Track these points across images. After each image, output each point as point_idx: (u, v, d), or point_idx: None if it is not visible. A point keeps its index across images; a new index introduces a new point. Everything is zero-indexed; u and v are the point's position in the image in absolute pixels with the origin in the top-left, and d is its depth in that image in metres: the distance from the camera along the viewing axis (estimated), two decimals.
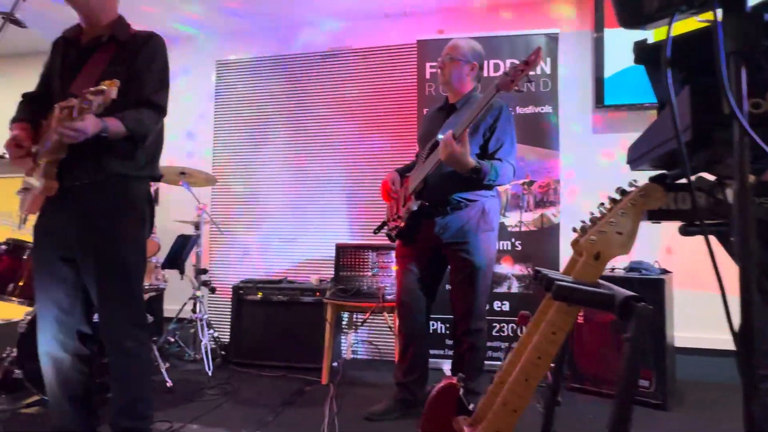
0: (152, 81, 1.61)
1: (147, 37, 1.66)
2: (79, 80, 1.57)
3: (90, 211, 1.56)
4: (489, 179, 1.96)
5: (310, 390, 2.67)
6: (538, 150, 3.00)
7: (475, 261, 2.05)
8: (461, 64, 2.15)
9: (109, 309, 1.59)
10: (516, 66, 1.76)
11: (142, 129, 1.55)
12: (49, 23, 3.83)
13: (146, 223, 1.70)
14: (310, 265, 3.70)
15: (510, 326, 3.01)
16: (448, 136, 1.84)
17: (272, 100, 3.89)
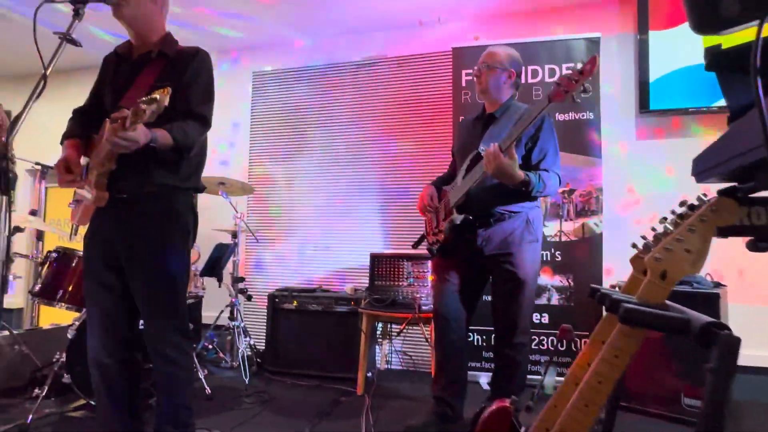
0: (198, 94, 1.64)
1: (194, 52, 1.70)
2: (129, 94, 1.62)
3: (137, 221, 1.60)
4: (536, 191, 1.90)
5: (346, 401, 2.65)
6: (578, 157, 2.91)
7: (519, 273, 1.98)
8: (498, 72, 2.10)
9: (153, 318, 1.63)
10: (569, 75, 1.68)
11: (188, 140, 1.58)
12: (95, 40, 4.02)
13: (190, 234, 1.73)
14: (344, 274, 3.70)
15: (550, 339, 2.91)
16: (494, 149, 1.78)
17: (307, 109, 3.93)
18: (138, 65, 1.68)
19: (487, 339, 2.99)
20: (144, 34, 1.69)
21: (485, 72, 2.09)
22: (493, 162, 1.80)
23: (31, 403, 2.30)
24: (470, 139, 2.16)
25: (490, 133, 2.09)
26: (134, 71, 1.67)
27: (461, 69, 3.16)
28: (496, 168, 1.80)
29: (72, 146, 1.64)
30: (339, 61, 3.89)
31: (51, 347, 2.83)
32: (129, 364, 1.69)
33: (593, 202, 2.90)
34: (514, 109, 2.11)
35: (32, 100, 1.37)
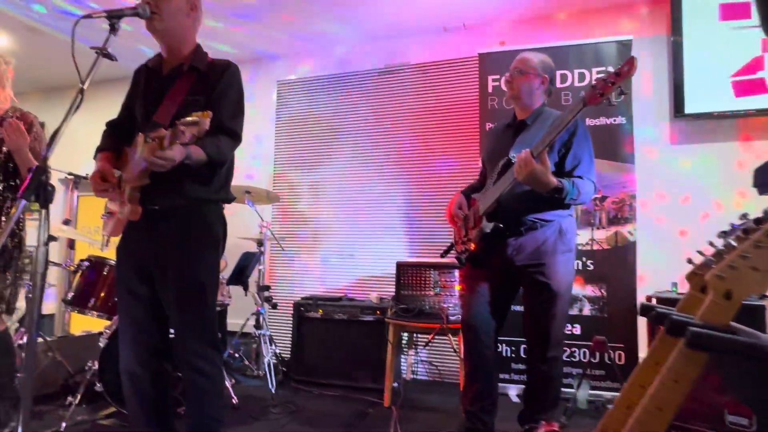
0: (229, 109, 1.64)
1: (225, 66, 1.70)
2: (161, 109, 1.63)
3: (169, 233, 1.61)
4: (570, 198, 1.83)
5: (373, 413, 2.62)
6: (611, 163, 2.82)
7: (552, 284, 1.92)
8: (531, 78, 2.05)
9: (184, 330, 1.62)
10: (605, 78, 1.62)
11: (221, 156, 1.58)
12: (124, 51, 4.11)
13: (220, 245, 1.73)
14: (368, 283, 3.68)
15: (582, 351, 2.82)
16: (526, 155, 1.73)
17: (331, 117, 3.94)
18: (169, 79, 1.69)
19: (515, 350, 2.92)
20: (176, 48, 1.70)
21: (517, 78, 2.04)
22: (524, 168, 1.74)
23: (64, 410, 2.33)
24: (501, 146, 2.11)
25: (521, 139, 2.04)
26: (166, 85, 1.68)
27: (488, 75, 3.12)
28: (527, 174, 1.74)
29: (104, 159, 1.67)
30: (362, 69, 3.88)
31: (83, 354, 2.88)
32: (160, 374, 1.69)
33: (626, 210, 2.81)
34: (546, 115, 2.06)
35: (70, 113, 1.38)
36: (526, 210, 1.95)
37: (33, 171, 1.28)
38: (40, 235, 1.31)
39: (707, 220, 2.96)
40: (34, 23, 3.58)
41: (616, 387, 2.72)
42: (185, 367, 1.63)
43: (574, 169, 1.92)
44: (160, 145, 1.34)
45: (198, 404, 1.64)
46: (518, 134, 2.09)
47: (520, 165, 1.75)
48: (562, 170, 1.95)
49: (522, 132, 2.08)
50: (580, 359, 2.81)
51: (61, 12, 3.40)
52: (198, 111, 1.48)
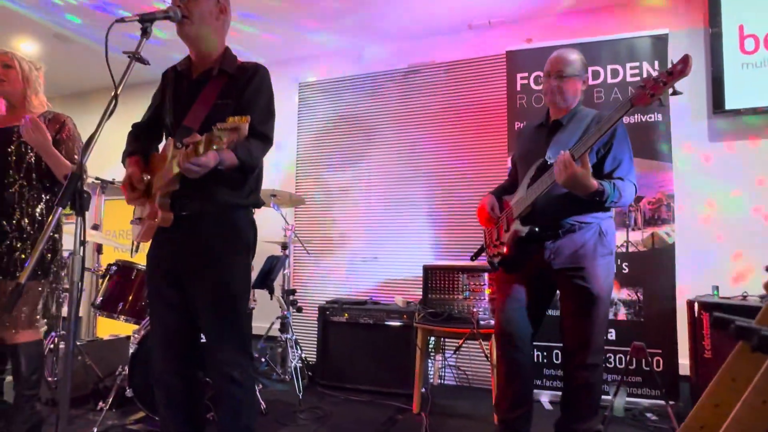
0: (260, 112, 1.61)
1: (254, 68, 1.67)
2: (191, 113, 1.61)
3: (199, 239, 1.58)
4: (611, 201, 1.75)
5: (402, 419, 2.56)
6: (646, 162, 2.72)
7: (592, 288, 1.84)
8: (576, 80, 1.97)
9: (216, 337, 1.59)
10: (657, 77, 1.53)
11: (252, 160, 1.56)
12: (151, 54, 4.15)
13: (251, 251, 1.70)
14: (394, 286, 3.63)
15: (618, 357, 2.72)
16: (566, 157, 1.66)
17: (354, 119, 3.90)
18: (199, 83, 1.67)
19: (548, 355, 2.83)
20: (205, 51, 1.68)
21: (566, 80, 1.95)
22: (564, 171, 1.67)
23: (95, 414, 2.34)
24: (535, 147, 2.04)
25: (556, 140, 1.96)
26: (195, 89, 1.66)
27: (515, 72, 3.04)
28: (568, 177, 1.67)
29: (134, 163, 1.64)
30: (385, 69, 3.84)
31: (112, 358, 2.90)
32: (192, 382, 1.67)
33: (664, 210, 2.70)
34: (581, 115, 1.98)
35: (105, 119, 1.36)
36: (564, 213, 1.88)
37: (68, 178, 1.27)
38: (76, 243, 1.29)
39: (749, 222, 2.83)
40: (60, 29, 3.63)
41: (655, 394, 2.62)
42: (218, 376, 1.60)
43: (614, 170, 1.84)
44: (195, 151, 1.31)
45: (231, 413, 1.60)
46: (553, 135, 2.01)
47: (560, 167, 1.68)
48: (601, 172, 1.87)
49: (557, 132, 2.00)
50: (615, 365, 2.71)
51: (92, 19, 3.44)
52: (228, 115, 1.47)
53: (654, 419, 2.53)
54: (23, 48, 3.85)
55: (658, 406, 2.60)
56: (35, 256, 1.21)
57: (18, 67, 2.16)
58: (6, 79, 2.12)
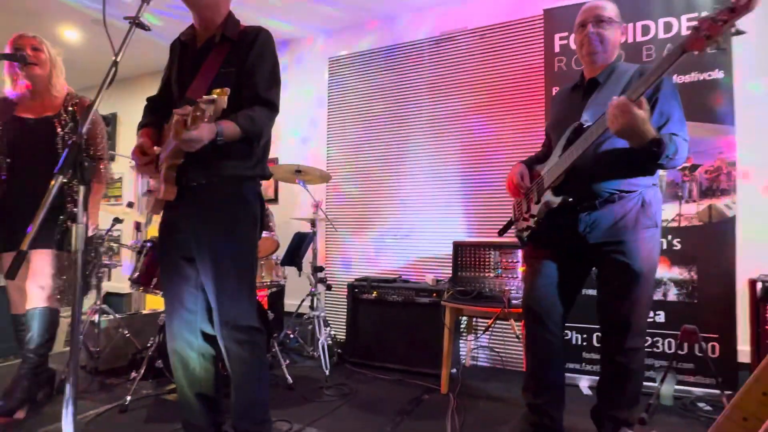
0: (263, 78, 1.56)
1: (255, 33, 1.61)
2: (194, 84, 1.58)
3: (205, 211, 1.56)
4: (666, 156, 1.54)
5: (429, 399, 2.49)
6: (704, 126, 2.43)
7: (634, 265, 1.65)
8: (616, 27, 1.76)
9: (221, 309, 1.56)
10: (714, 16, 1.26)
11: (256, 128, 1.51)
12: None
13: (257, 222, 1.66)
14: (424, 264, 3.53)
15: (667, 341, 2.49)
16: (623, 100, 1.44)
17: (385, 92, 3.78)
18: (203, 52, 1.63)
19: (587, 338, 2.65)
20: (209, 18, 1.63)
21: (606, 26, 1.74)
22: (623, 115, 1.44)
23: (132, 383, 2.42)
24: (569, 111, 1.84)
25: (593, 101, 1.76)
26: (199, 58, 1.62)
27: (554, 33, 2.79)
28: (626, 122, 1.44)
29: (145, 134, 1.64)
30: (415, 39, 3.67)
31: (148, 331, 3.01)
32: (209, 357, 1.67)
33: (723, 180, 2.41)
34: (620, 70, 1.76)
35: (104, 87, 1.33)
36: (601, 180, 1.69)
37: (69, 147, 1.25)
38: (79, 212, 1.29)
39: None
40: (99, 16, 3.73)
41: (709, 383, 2.39)
42: (226, 351, 1.58)
43: (663, 126, 1.61)
44: (183, 125, 1.28)
45: (240, 389, 1.59)
46: (589, 95, 1.81)
47: (616, 112, 1.45)
48: None
49: (594, 92, 1.79)
50: (664, 350, 2.49)
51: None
52: (231, 84, 1.45)
53: (707, 409, 2.30)
54: (66, 35, 4.00)
55: (712, 395, 2.37)
56: (37, 223, 1.21)
57: (46, 50, 2.23)
58: (38, 62, 2.19)
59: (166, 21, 3.56)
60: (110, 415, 2.22)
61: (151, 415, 2.24)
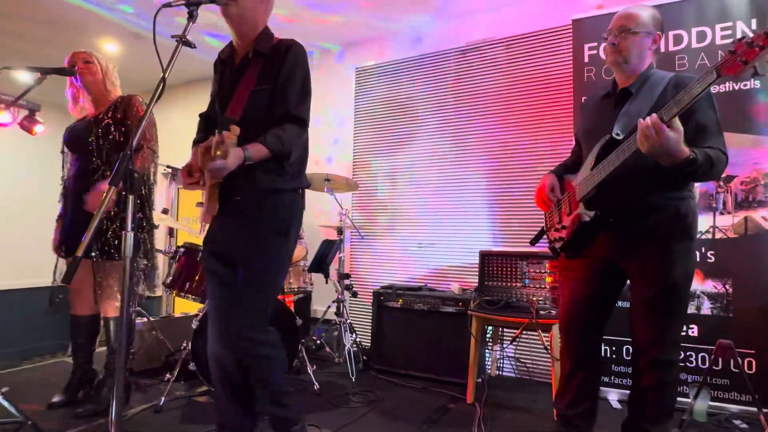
0: (294, 94, 1.61)
1: (287, 47, 1.66)
2: (232, 104, 1.65)
3: (241, 223, 1.63)
4: (701, 173, 1.52)
5: (455, 408, 2.49)
6: (740, 136, 2.38)
7: (668, 277, 1.63)
8: (641, 37, 1.74)
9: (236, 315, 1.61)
10: (751, 40, 1.24)
11: (285, 148, 1.56)
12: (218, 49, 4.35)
13: (291, 234, 1.71)
14: (449, 272, 3.53)
15: (700, 356, 2.44)
16: (655, 120, 1.42)
17: (411, 102, 3.82)
18: (240, 69, 1.70)
19: (617, 350, 2.61)
20: (247, 34, 1.69)
21: (628, 37, 1.73)
22: (653, 137, 1.42)
23: (165, 385, 2.50)
24: (600, 121, 1.84)
25: (625, 112, 1.75)
26: (236, 76, 1.69)
27: (583, 43, 2.78)
28: (657, 144, 1.42)
29: (195, 153, 1.71)
30: (441, 49, 3.70)
31: (180, 334, 3.09)
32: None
33: (760, 191, 2.36)
34: (654, 79, 1.73)
35: (153, 102, 1.41)
36: (635, 193, 1.68)
37: (120, 158, 1.32)
38: (128, 220, 1.35)
39: None
40: (137, 29, 3.89)
41: (746, 400, 2.32)
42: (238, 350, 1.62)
43: (699, 138, 1.59)
44: (207, 153, 1.37)
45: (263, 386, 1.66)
46: (621, 105, 1.79)
47: (646, 132, 1.43)
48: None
49: (626, 102, 1.78)
50: (698, 365, 2.43)
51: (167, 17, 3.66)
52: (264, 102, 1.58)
53: (743, 427, 2.24)
54: (106, 48, 4.18)
55: (749, 413, 2.30)
56: (90, 232, 1.29)
57: (96, 61, 2.37)
58: (88, 72, 2.33)
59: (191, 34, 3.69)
60: (146, 415, 2.29)
61: (185, 415, 2.31)
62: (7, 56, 4.53)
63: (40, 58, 4.24)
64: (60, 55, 2.38)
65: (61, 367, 3.00)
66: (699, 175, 1.54)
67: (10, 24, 3.91)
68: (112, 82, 2.42)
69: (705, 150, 1.53)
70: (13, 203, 5.17)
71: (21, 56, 4.51)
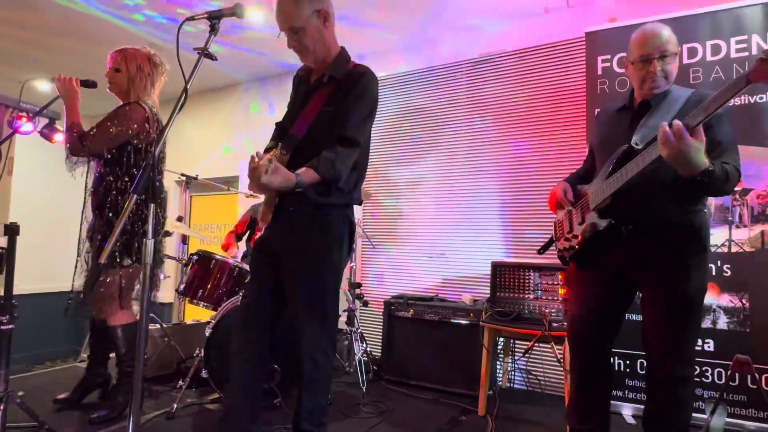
0: (356, 117, 1.65)
1: (360, 73, 1.70)
2: (299, 121, 1.71)
3: (294, 235, 1.69)
4: (715, 186, 1.52)
5: (466, 421, 2.47)
6: (756, 149, 2.37)
7: (683, 290, 1.62)
8: (677, 57, 1.75)
9: (307, 326, 1.68)
10: None
11: (335, 173, 1.59)
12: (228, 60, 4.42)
13: (344, 247, 1.75)
14: (460, 283, 3.52)
15: (716, 371, 2.40)
16: (680, 127, 1.40)
17: (422, 113, 3.85)
18: (313, 89, 1.75)
19: (631, 364, 2.58)
20: (322, 59, 1.73)
21: (673, 62, 1.72)
22: (676, 143, 1.40)
23: (177, 391, 2.52)
24: (617, 132, 1.83)
25: (644, 124, 1.75)
26: (308, 95, 1.75)
27: (596, 56, 2.79)
28: (678, 149, 1.40)
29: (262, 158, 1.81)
30: (455, 61, 3.73)
31: (192, 340, 3.12)
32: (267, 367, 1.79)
33: None
34: (674, 95, 1.74)
35: (175, 112, 1.44)
36: (649, 205, 1.68)
37: (143, 168, 1.36)
38: (149, 228, 1.38)
39: None
40: (154, 39, 3.97)
41: (763, 417, 2.28)
42: (306, 358, 1.68)
43: (714, 153, 1.59)
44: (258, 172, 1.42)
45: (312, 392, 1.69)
46: (638, 118, 1.79)
47: (669, 139, 1.41)
48: None
49: (644, 116, 1.78)
50: (714, 381, 2.39)
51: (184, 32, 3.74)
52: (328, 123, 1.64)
53: None
54: None
55: (767, 430, 2.26)
56: (113, 239, 1.31)
57: (126, 68, 2.29)
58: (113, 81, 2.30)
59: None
60: (158, 421, 2.31)
61: (197, 423, 2.32)
62: (34, 67, 4.65)
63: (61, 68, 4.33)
64: (87, 67, 2.40)
65: (73, 372, 3.03)
66: (713, 189, 1.53)
67: (38, 35, 4.02)
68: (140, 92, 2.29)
69: (721, 164, 1.53)
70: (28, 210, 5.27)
71: (42, 67, 4.63)
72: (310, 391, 1.69)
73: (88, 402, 2.43)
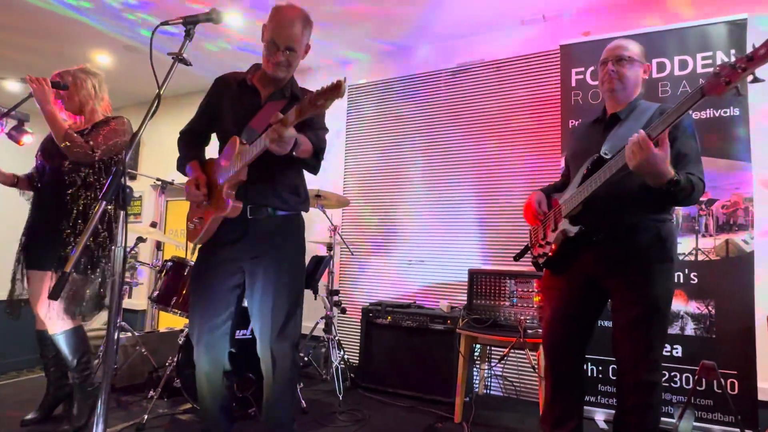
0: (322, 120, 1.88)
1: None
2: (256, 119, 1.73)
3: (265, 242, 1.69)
4: (683, 196, 1.58)
5: (443, 427, 2.48)
6: (720, 161, 2.46)
7: (649, 298, 1.67)
8: (637, 66, 1.82)
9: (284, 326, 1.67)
10: (734, 63, 1.32)
11: (321, 143, 1.74)
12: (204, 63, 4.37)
13: (304, 250, 1.83)
14: (438, 290, 3.54)
15: (684, 376, 2.47)
16: (643, 136, 1.47)
17: (402, 121, 3.87)
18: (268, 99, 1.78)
19: (603, 370, 2.63)
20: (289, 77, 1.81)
21: (625, 65, 1.80)
22: (640, 152, 1.46)
23: (148, 401, 2.45)
24: (589, 144, 1.89)
25: (613, 135, 1.80)
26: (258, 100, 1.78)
27: (570, 68, 2.87)
28: (644, 160, 1.46)
29: (197, 168, 1.80)
30: (434, 69, 3.77)
31: (165, 349, 3.04)
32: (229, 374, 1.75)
33: (741, 215, 2.43)
34: (641, 109, 1.81)
35: (148, 118, 1.42)
36: (618, 213, 1.72)
37: (113, 173, 1.32)
38: (119, 236, 1.35)
39: None
40: (130, 41, 3.91)
41: (729, 421, 2.35)
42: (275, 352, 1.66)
43: (679, 165, 1.65)
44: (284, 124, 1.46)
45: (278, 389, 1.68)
46: (609, 130, 1.85)
47: (634, 149, 1.48)
48: None
49: (614, 127, 1.84)
50: (682, 385, 2.46)
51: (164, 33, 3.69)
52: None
53: None
54: (99, 60, 4.18)
55: None
56: (80, 247, 1.28)
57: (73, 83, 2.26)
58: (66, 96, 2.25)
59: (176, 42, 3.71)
60: None
61: None
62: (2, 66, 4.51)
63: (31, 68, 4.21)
64: (57, 68, 2.33)
65: (38, 383, 2.92)
66: (680, 198, 1.59)
67: (7, 35, 3.90)
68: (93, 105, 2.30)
69: (687, 174, 1.58)
70: None
71: (13, 67, 4.49)
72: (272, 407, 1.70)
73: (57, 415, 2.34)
